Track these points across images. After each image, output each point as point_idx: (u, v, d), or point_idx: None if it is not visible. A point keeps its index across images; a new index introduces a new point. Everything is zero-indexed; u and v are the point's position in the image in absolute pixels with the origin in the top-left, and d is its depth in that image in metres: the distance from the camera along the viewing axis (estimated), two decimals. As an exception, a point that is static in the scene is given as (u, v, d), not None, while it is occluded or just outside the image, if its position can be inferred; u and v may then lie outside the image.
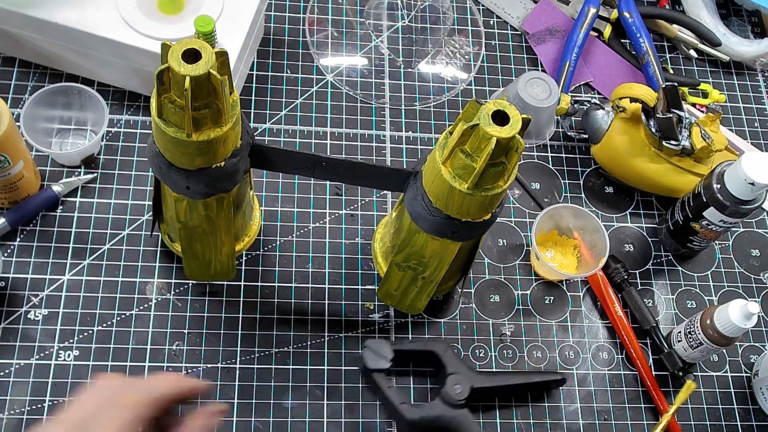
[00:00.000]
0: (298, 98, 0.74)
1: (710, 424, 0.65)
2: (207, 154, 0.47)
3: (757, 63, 0.84)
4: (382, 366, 0.59)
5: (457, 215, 0.49)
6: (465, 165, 0.46)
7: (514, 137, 0.44)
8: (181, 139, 0.45)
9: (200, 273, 0.61)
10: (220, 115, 0.45)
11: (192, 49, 0.42)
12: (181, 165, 0.48)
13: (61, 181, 0.65)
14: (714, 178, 0.64)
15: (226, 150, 0.47)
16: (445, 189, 0.47)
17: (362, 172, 0.53)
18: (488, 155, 0.43)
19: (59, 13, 0.63)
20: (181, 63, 0.42)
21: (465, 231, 0.50)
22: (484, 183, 0.46)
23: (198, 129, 0.45)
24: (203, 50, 0.42)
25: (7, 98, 0.69)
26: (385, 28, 0.80)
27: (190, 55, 0.42)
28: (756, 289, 0.72)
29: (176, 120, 0.45)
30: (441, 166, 0.47)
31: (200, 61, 0.42)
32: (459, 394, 0.59)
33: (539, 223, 0.66)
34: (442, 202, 0.48)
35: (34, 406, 0.58)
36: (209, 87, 0.43)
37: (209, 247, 0.57)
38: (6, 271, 0.62)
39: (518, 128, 0.44)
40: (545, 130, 0.76)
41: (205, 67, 0.42)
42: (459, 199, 0.47)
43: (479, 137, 0.44)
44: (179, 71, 0.41)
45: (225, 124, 0.45)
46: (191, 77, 0.41)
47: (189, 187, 0.49)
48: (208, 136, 0.45)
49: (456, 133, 0.45)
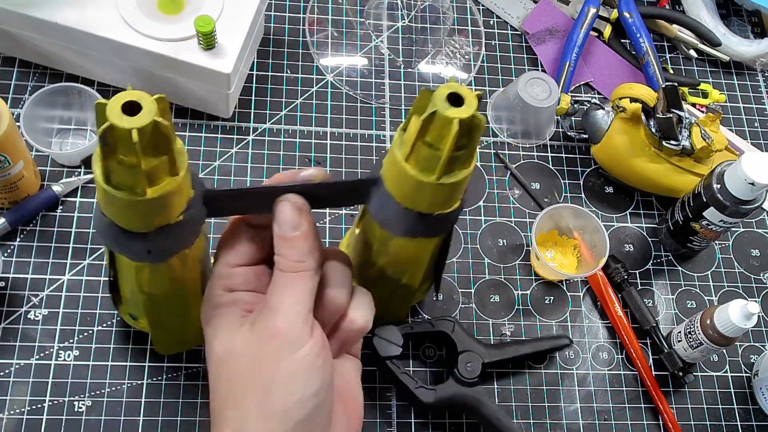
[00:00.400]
0: (298, 98, 0.74)
1: (710, 424, 0.65)
2: (164, 210, 0.44)
3: (757, 63, 0.84)
4: (393, 353, 0.59)
5: (428, 210, 0.48)
6: (429, 156, 0.44)
7: (474, 116, 0.43)
8: (136, 200, 0.42)
9: (174, 344, 0.59)
10: (173, 163, 0.42)
11: (129, 102, 0.39)
12: (138, 229, 0.45)
13: (61, 181, 0.65)
14: (714, 178, 0.64)
15: (181, 202, 0.44)
16: (413, 185, 0.46)
17: (322, 194, 0.49)
18: (454, 139, 0.43)
19: (59, 13, 0.63)
20: (122, 117, 0.39)
21: (438, 225, 0.50)
22: (450, 170, 0.45)
23: (152, 184, 0.42)
24: (142, 100, 0.39)
25: (7, 98, 0.69)
26: (385, 28, 0.80)
27: (129, 107, 0.39)
28: (756, 289, 0.72)
29: (127, 181, 0.42)
30: (404, 164, 0.45)
31: (143, 111, 0.39)
32: (471, 372, 0.59)
33: (539, 223, 0.66)
34: (411, 200, 0.47)
35: (34, 406, 0.58)
36: (157, 136, 0.40)
37: (179, 312, 0.54)
38: (6, 271, 0.62)
39: (475, 105, 0.43)
40: (545, 130, 0.76)
41: (149, 117, 0.39)
42: (428, 192, 0.46)
43: (440, 124, 0.43)
44: (123, 126, 0.39)
45: (178, 172, 0.43)
46: (138, 129, 0.39)
47: (150, 251, 0.46)
48: (164, 189, 0.42)
49: (413, 126, 0.44)
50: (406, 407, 0.62)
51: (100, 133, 0.39)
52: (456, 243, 0.69)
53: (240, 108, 0.72)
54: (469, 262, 0.69)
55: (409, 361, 0.64)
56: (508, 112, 0.75)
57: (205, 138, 0.70)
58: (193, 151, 0.69)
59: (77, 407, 0.58)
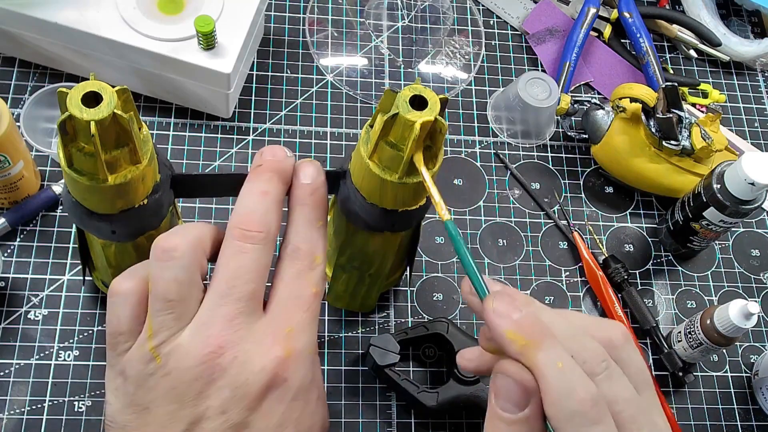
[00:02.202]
0: (298, 98, 0.74)
1: (710, 424, 0.65)
2: (127, 195, 0.44)
3: (757, 63, 0.84)
4: (391, 361, 0.59)
5: (393, 206, 0.48)
6: (392, 156, 0.44)
7: (436, 120, 0.43)
8: (97, 185, 0.42)
9: None
10: (135, 153, 0.42)
11: (91, 92, 0.40)
12: (102, 211, 0.45)
13: (61, 181, 0.65)
14: (714, 178, 0.64)
15: (146, 187, 0.45)
16: (377, 183, 0.46)
17: None
18: (415, 142, 0.43)
19: (59, 13, 0.63)
20: (82, 109, 0.39)
21: (403, 221, 0.50)
22: (414, 169, 0.45)
23: (113, 172, 0.42)
24: (103, 91, 0.40)
25: (7, 98, 0.69)
26: (385, 28, 0.80)
27: (90, 98, 0.40)
28: (756, 289, 0.72)
29: (89, 167, 0.42)
30: (368, 161, 0.45)
31: (102, 104, 0.39)
32: None
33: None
34: (376, 196, 0.48)
35: (34, 406, 0.58)
36: (116, 128, 0.41)
37: None
38: (6, 271, 0.62)
39: (437, 110, 0.43)
40: (545, 130, 0.76)
41: (108, 109, 0.39)
42: (392, 190, 0.46)
43: (402, 126, 0.43)
44: (82, 118, 0.39)
45: (141, 161, 0.43)
46: (95, 121, 0.39)
47: (114, 231, 0.46)
48: (126, 177, 0.42)
49: (377, 125, 0.44)
50: (406, 407, 0.62)
51: (59, 123, 0.40)
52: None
53: (240, 108, 0.72)
54: (469, 262, 0.69)
55: (409, 362, 0.64)
56: (508, 112, 0.75)
57: (205, 138, 0.70)
58: (193, 151, 0.69)
59: (77, 407, 0.58)
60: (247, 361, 0.37)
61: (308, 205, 0.43)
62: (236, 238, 0.40)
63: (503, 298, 0.35)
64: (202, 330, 0.38)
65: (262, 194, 0.41)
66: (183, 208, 0.66)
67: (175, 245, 0.39)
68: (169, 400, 0.37)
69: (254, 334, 0.38)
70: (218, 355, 0.37)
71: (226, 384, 0.37)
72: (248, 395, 0.37)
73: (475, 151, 0.74)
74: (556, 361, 0.33)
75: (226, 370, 0.37)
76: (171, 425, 0.37)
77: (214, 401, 0.37)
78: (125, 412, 0.38)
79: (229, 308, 0.38)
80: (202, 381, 0.37)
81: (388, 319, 0.65)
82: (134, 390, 0.38)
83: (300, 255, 0.41)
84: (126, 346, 0.39)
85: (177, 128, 0.70)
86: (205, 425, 0.37)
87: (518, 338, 0.34)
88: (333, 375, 0.62)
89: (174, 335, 0.38)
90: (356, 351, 0.63)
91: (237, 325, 0.38)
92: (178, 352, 0.37)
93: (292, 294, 0.40)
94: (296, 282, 0.41)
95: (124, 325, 0.39)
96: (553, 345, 0.34)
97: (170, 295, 0.38)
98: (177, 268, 0.38)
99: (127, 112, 0.41)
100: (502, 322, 0.34)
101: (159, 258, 0.39)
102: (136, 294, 0.39)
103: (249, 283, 0.39)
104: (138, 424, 0.38)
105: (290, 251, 0.41)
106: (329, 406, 0.61)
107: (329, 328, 0.64)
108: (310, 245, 0.42)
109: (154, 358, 0.38)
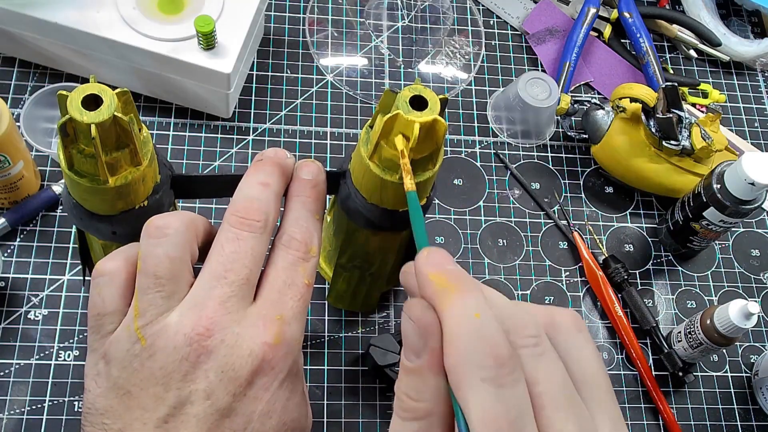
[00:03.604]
0: (298, 98, 0.74)
1: (710, 424, 0.65)
2: (128, 196, 0.44)
3: (757, 63, 0.84)
4: (391, 361, 0.59)
5: (394, 207, 0.48)
6: (393, 156, 0.44)
7: (435, 120, 0.43)
8: (98, 187, 0.42)
9: None
10: (135, 154, 0.43)
11: (91, 95, 0.40)
12: (102, 212, 0.45)
13: (61, 181, 0.65)
14: (714, 178, 0.64)
15: (146, 188, 0.45)
16: (377, 183, 0.46)
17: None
18: (415, 142, 0.42)
19: (59, 13, 0.63)
20: (82, 112, 0.39)
21: (404, 221, 0.50)
22: (414, 170, 0.45)
23: (114, 173, 0.42)
24: (103, 94, 0.40)
25: (7, 98, 0.69)
26: (385, 28, 0.80)
27: (90, 101, 0.40)
28: (756, 289, 0.72)
29: (89, 169, 0.42)
30: (369, 162, 0.46)
31: (102, 106, 0.40)
32: None
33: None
34: (377, 196, 0.48)
35: (34, 406, 0.58)
36: (117, 130, 0.41)
37: None
38: (6, 271, 0.62)
39: (438, 110, 0.43)
40: (545, 130, 0.76)
41: (108, 111, 0.39)
42: (392, 190, 0.46)
43: (401, 127, 0.43)
44: (82, 120, 0.39)
45: (141, 162, 0.43)
46: (96, 124, 0.39)
47: (115, 232, 0.46)
48: (126, 179, 0.43)
49: (377, 125, 0.44)
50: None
51: (59, 125, 0.40)
52: (456, 243, 0.69)
53: (240, 108, 0.72)
54: (469, 262, 0.69)
55: None
56: (508, 112, 0.75)
57: (205, 138, 0.70)
58: (193, 151, 0.69)
59: (77, 407, 0.58)
60: (235, 345, 0.36)
61: (308, 197, 0.43)
62: (233, 225, 0.39)
63: (442, 252, 0.31)
64: (194, 310, 0.37)
65: (263, 185, 0.41)
66: (183, 208, 0.66)
67: (168, 223, 0.38)
68: (153, 383, 0.36)
69: (245, 319, 0.37)
70: (206, 337, 0.36)
71: (212, 367, 0.36)
72: (235, 380, 0.36)
73: (475, 151, 0.74)
74: (473, 310, 0.28)
75: (213, 353, 0.36)
76: (154, 409, 0.36)
77: (200, 384, 0.36)
78: (107, 397, 0.37)
79: (223, 290, 0.37)
80: (188, 363, 0.36)
81: (388, 319, 0.65)
82: (117, 373, 0.37)
83: (295, 244, 0.41)
84: (110, 327, 0.38)
85: (177, 128, 0.70)
86: (189, 410, 0.36)
87: (440, 280, 0.30)
88: (333, 375, 0.62)
89: (162, 315, 0.37)
90: (356, 351, 0.63)
91: (229, 307, 0.37)
92: (165, 333, 0.36)
93: (285, 281, 0.39)
94: (290, 270, 0.40)
95: (109, 305, 0.38)
96: (476, 297, 0.29)
97: (160, 272, 0.37)
98: (169, 245, 0.38)
99: (127, 114, 0.41)
100: (431, 268, 0.30)
101: (151, 234, 0.38)
102: (123, 273, 0.39)
103: (244, 268, 0.38)
104: (120, 409, 0.36)
105: (285, 240, 0.41)
106: (329, 406, 0.61)
107: (329, 328, 0.64)
108: (305, 235, 0.41)
109: (139, 340, 0.36)
